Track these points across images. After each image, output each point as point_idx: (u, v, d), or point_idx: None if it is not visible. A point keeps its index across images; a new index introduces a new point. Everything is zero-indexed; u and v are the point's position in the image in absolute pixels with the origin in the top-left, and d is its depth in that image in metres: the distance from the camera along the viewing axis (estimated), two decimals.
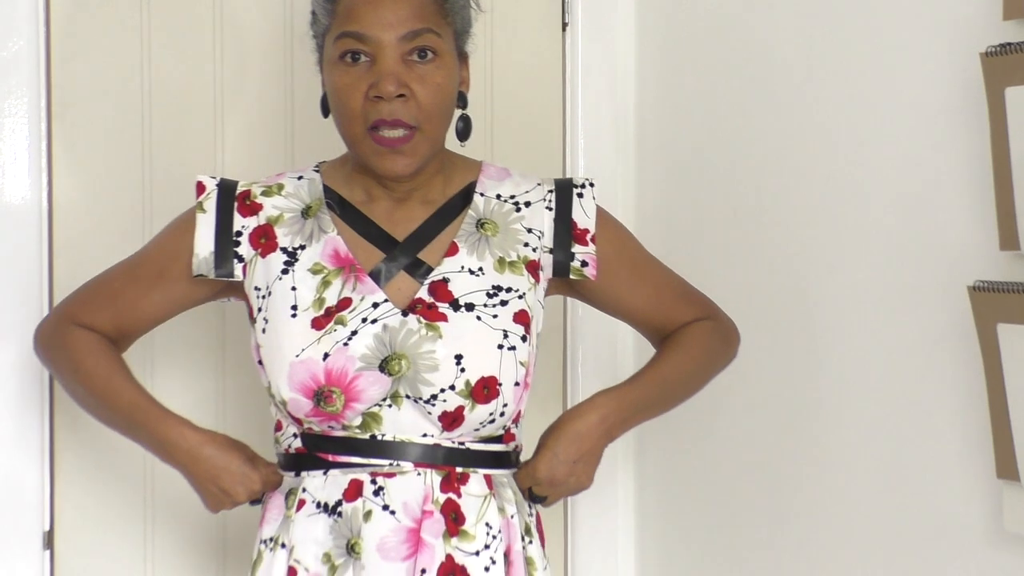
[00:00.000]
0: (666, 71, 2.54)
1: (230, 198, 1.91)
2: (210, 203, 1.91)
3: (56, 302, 2.25)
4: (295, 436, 1.87)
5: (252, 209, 1.91)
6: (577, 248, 1.92)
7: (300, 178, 1.94)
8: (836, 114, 2.07)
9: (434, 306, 1.83)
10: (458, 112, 1.90)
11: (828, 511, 2.11)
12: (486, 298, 1.85)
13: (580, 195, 1.95)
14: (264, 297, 1.87)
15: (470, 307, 1.84)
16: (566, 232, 1.93)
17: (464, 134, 1.92)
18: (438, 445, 1.84)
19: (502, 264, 1.89)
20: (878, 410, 1.99)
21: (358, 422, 1.82)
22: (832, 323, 2.09)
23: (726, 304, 2.08)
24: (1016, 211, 1.67)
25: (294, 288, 1.85)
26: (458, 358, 1.81)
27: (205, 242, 1.89)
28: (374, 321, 1.82)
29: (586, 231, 1.93)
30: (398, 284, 1.85)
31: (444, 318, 1.83)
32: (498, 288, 1.86)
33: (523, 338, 1.85)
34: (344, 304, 1.83)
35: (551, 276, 1.93)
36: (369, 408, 1.82)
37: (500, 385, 1.82)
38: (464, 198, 1.92)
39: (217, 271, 1.89)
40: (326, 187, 1.92)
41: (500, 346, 1.83)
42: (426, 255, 1.87)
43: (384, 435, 1.83)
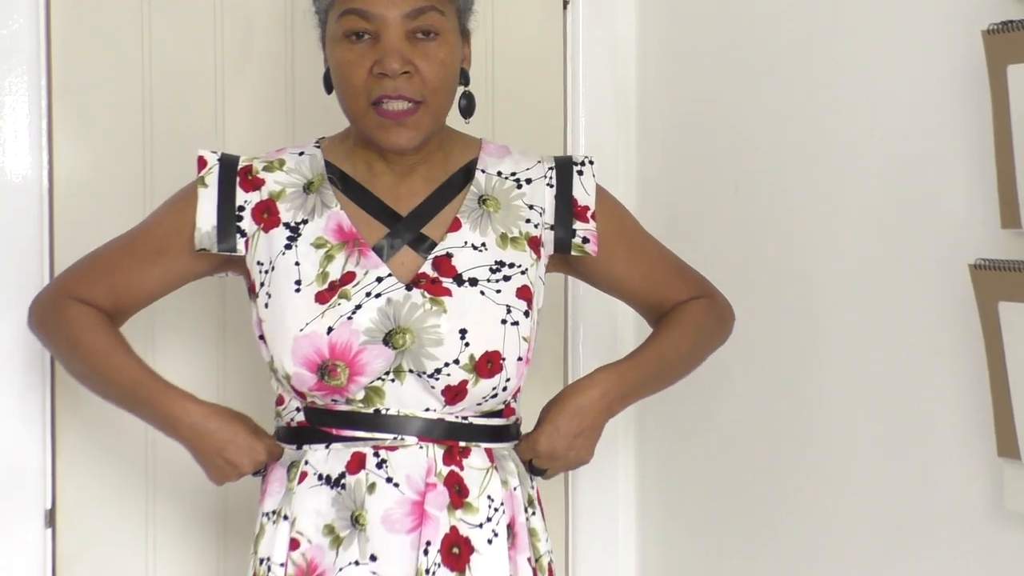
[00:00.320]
0: (667, 48, 2.54)
1: (232, 173, 1.90)
2: (212, 178, 1.90)
3: None
4: (298, 410, 1.87)
5: (254, 184, 1.90)
6: (578, 225, 1.93)
7: (301, 154, 1.94)
8: (838, 92, 2.07)
9: (438, 281, 1.84)
10: (461, 89, 1.90)
11: (829, 489, 2.12)
12: (489, 273, 1.86)
13: (580, 172, 1.95)
14: (267, 272, 1.87)
15: (474, 282, 1.85)
16: (567, 209, 1.93)
17: (468, 111, 1.92)
18: (440, 419, 1.84)
19: (504, 240, 1.89)
20: (879, 389, 2.00)
21: (361, 396, 1.83)
22: (833, 302, 2.09)
23: (726, 281, 2.09)
24: (1017, 189, 1.67)
25: (297, 263, 1.85)
26: (462, 332, 1.81)
27: (207, 216, 1.89)
28: (378, 295, 1.82)
29: (586, 208, 1.94)
30: (402, 258, 1.86)
31: (448, 292, 1.83)
32: (501, 264, 1.87)
33: (525, 313, 1.85)
34: (348, 278, 1.83)
35: (552, 252, 1.93)
36: (372, 382, 1.82)
37: (504, 360, 1.82)
38: (465, 175, 1.92)
39: (220, 245, 1.89)
40: (327, 163, 1.92)
41: (504, 321, 1.83)
42: (429, 230, 1.87)
43: (387, 409, 1.84)
